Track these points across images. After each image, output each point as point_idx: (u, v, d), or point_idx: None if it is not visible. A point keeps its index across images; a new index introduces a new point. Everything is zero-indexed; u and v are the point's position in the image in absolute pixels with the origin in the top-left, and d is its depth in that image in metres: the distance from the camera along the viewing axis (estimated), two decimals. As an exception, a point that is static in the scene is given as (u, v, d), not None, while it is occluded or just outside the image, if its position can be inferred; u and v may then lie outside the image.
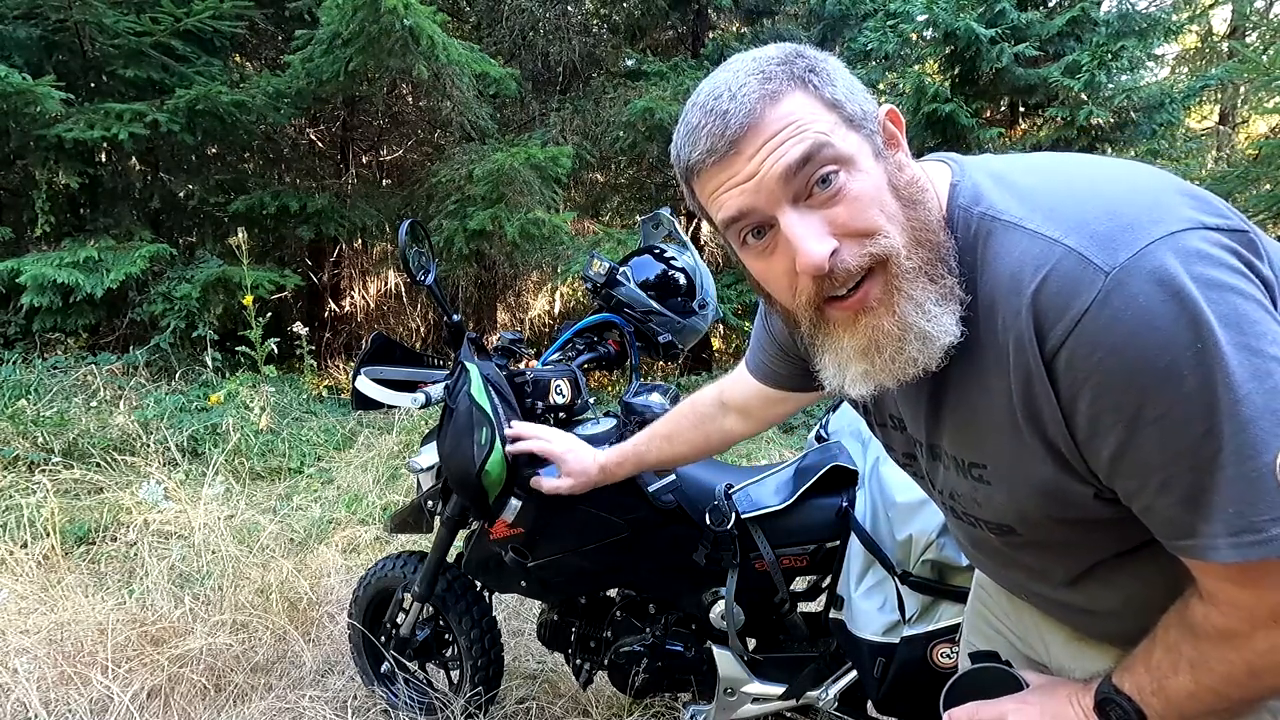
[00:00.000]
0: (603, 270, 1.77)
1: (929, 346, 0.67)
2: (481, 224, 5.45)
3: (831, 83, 0.68)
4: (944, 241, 0.68)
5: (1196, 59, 11.25)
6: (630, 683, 1.69)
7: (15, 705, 1.89)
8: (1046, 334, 0.62)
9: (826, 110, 0.66)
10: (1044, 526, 0.76)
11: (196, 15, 5.40)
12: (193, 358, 5.25)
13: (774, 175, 0.65)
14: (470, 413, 1.46)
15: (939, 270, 0.67)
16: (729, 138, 0.66)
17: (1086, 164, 0.70)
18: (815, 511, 1.53)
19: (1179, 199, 0.62)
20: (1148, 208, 0.61)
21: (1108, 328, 0.59)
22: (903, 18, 6.33)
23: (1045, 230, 0.63)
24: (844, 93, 0.68)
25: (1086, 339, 0.60)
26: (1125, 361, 0.59)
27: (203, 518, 2.80)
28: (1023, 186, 0.68)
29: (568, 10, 7.41)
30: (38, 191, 5.31)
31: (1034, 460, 0.69)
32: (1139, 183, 0.65)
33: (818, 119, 0.66)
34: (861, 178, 0.66)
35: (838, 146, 0.65)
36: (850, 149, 0.66)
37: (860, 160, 0.66)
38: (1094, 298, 0.59)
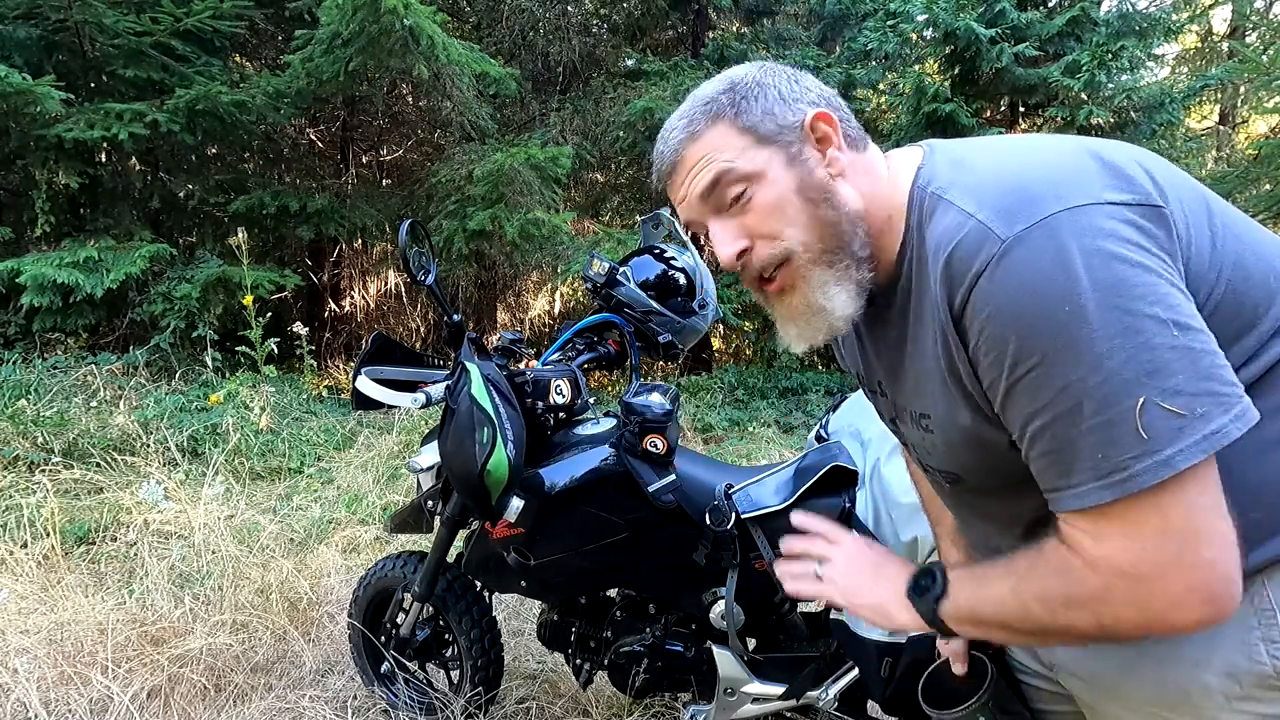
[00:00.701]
0: (603, 270, 1.77)
1: (828, 317, 0.81)
2: (481, 224, 5.45)
3: (749, 110, 0.80)
4: (851, 229, 0.80)
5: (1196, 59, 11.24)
6: (630, 683, 1.69)
7: (15, 705, 1.89)
8: (953, 296, 0.71)
9: (739, 135, 0.80)
10: (980, 473, 0.83)
11: (196, 15, 5.40)
12: (193, 358, 5.25)
13: (695, 196, 0.83)
14: (471, 412, 1.46)
15: (837, 257, 0.80)
16: (665, 171, 0.86)
17: (1025, 143, 0.78)
18: (816, 511, 1.53)
19: (1093, 176, 0.69)
20: (1055, 184, 0.68)
21: (996, 288, 0.67)
22: (903, 17, 6.33)
23: (964, 204, 0.72)
24: (759, 115, 0.80)
25: (980, 298, 0.68)
26: (1007, 318, 0.67)
27: (203, 518, 2.80)
28: (964, 166, 0.77)
29: (568, 10, 7.41)
30: (38, 191, 5.31)
31: (958, 408, 0.77)
32: (1060, 160, 0.72)
33: (727, 147, 0.80)
34: (765, 189, 0.80)
35: (741, 168, 0.80)
36: (757, 166, 0.80)
37: (769, 172, 0.80)
38: (989, 261, 0.67)
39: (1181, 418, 0.63)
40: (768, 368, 6.85)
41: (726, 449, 4.78)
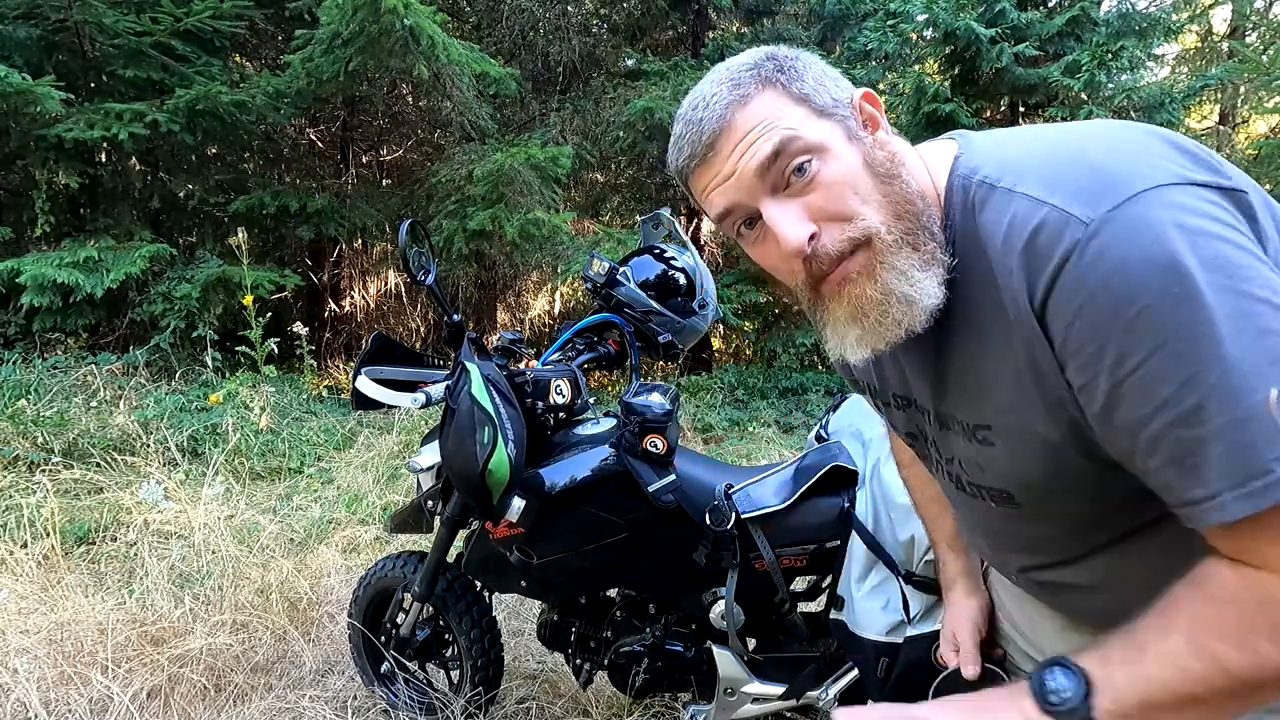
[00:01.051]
0: (603, 270, 1.77)
1: (912, 309, 0.70)
2: (481, 224, 5.45)
3: (800, 78, 0.72)
4: (925, 210, 0.71)
5: (1196, 59, 11.24)
6: (630, 683, 1.69)
7: (15, 705, 1.89)
8: (1035, 288, 0.63)
9: (795, 105, 0.71)
10: (1044, 491, 0.75)
11: (196, 15, 5.40)
12: (193, 358, 5.25)
13: (749, 171, 0.70)
14: (472, 412, 1.46)
15: (921, 238, 0.70)
16: (706, 142, 0.72)
17: (1081, 128, 0.71)
18: (815, 512, 1.53)
19: (1171, 156, 0.63)
20: (1134, 165, 0.62)
21: (1088, 274, 0.59)
22: (903, 17, 6.33)
23: (1032, 192, 0.64)
24: (813, 85, 0.72)
25: (1067, 288, 0.61)
26: (1104, 308, 0.59)
27: (203, 518, 2.80)
28: (1017, 153, 0.70)
29: (568, 10, 7.41)
30: (38, 191, 5.31)
31: (1036, 416, 0.68)
32: (1129, 143, 0.65)
33: (786, 114, 0.70)
34: (834, 163, 0.70)
35: (806, 137, 0.69)
36: (820, 137, 0.70)
37: (832, 146, 0.70)
38: (1074, 247, 0.60)
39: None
40: (768, 368, 6.86)
41: (726, 449, 4.79)
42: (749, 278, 6.35)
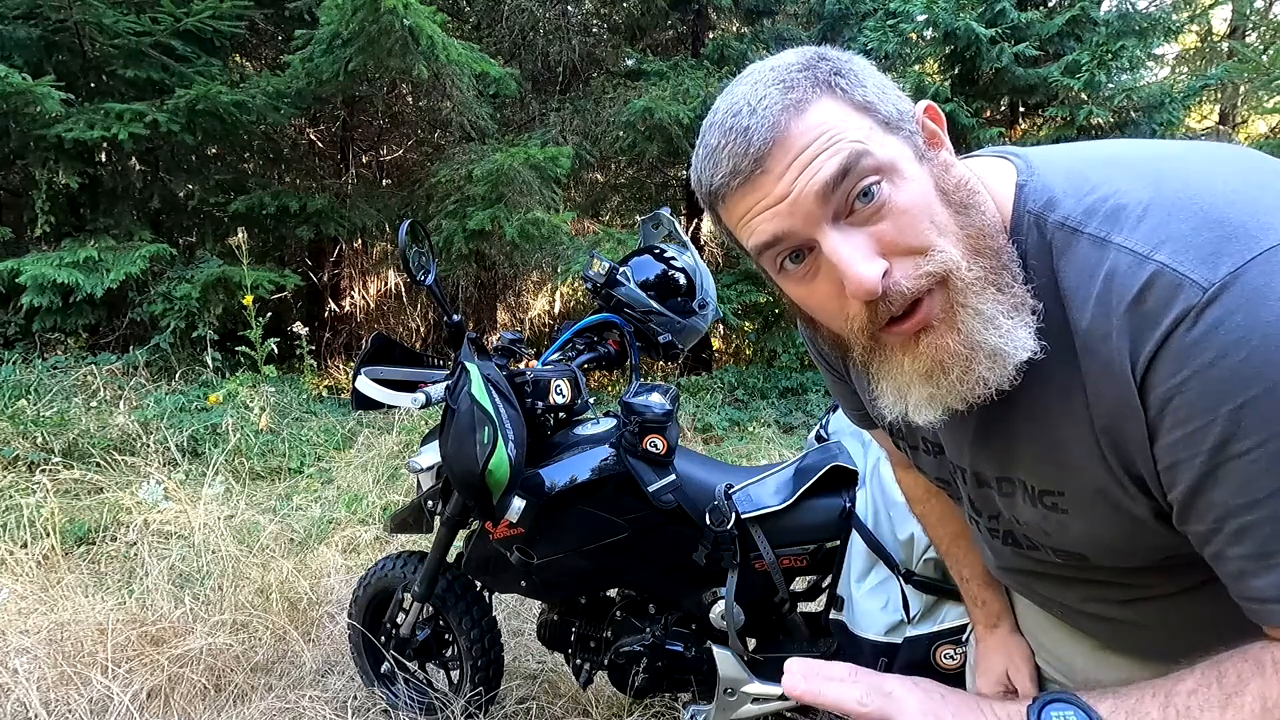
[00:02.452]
0: (603, 270, 1.77)
1: (1001, 363, 0.60)
2: (481, 224, 5.44)
3: (861, 84, 0.61)
4: (1006, 246, 0.61)
5: (1196, 59, 11.24)
6: (630, 683, 1.69)
7: (15, 705, 1.89)
8: (1139, 354, 0.55)
9: (859, 115, 0.60)
10: (1125, 555, 0.69)
11: (196, 15, 5.40)
12: (193, 358, 5.25)
13: (810, 194, 0.58)
14: (472, 412, 1.46)
15: (1006, 278, 0.60)
16: (754, 156, 0.59)
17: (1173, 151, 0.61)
18: (815, 511, 1.53)
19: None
20: (1257, 212, 0.53)
21: (1199, 344, 0.52)
22: (903, 17, 6.33)
23: (1132, 245, 0.56)
24: (875, 93, 0.61)
25: (1176, 357, 0.53)
26: (1213, 384, 0.52)
27: (203, 518, 2.80)
28: (1101, 189, 0.60)
29: (568, 10, 7.41)
30: (38, 191, 5.31)
31: (1115, 489, 0.62)
32: (1247, 179, 0.56)
33: (851, 126, 0.59)
34: (906, 186, 0.59)
35: (876, 154, 0.58)
36: (890, 155, 0.59)
37: (903, 166, 0.60)
38: (1186, 314, 0.52)
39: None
40: (768, 368, 6.85)
41: (726, 449, 4.78)
42: (749, 278, 6.34)
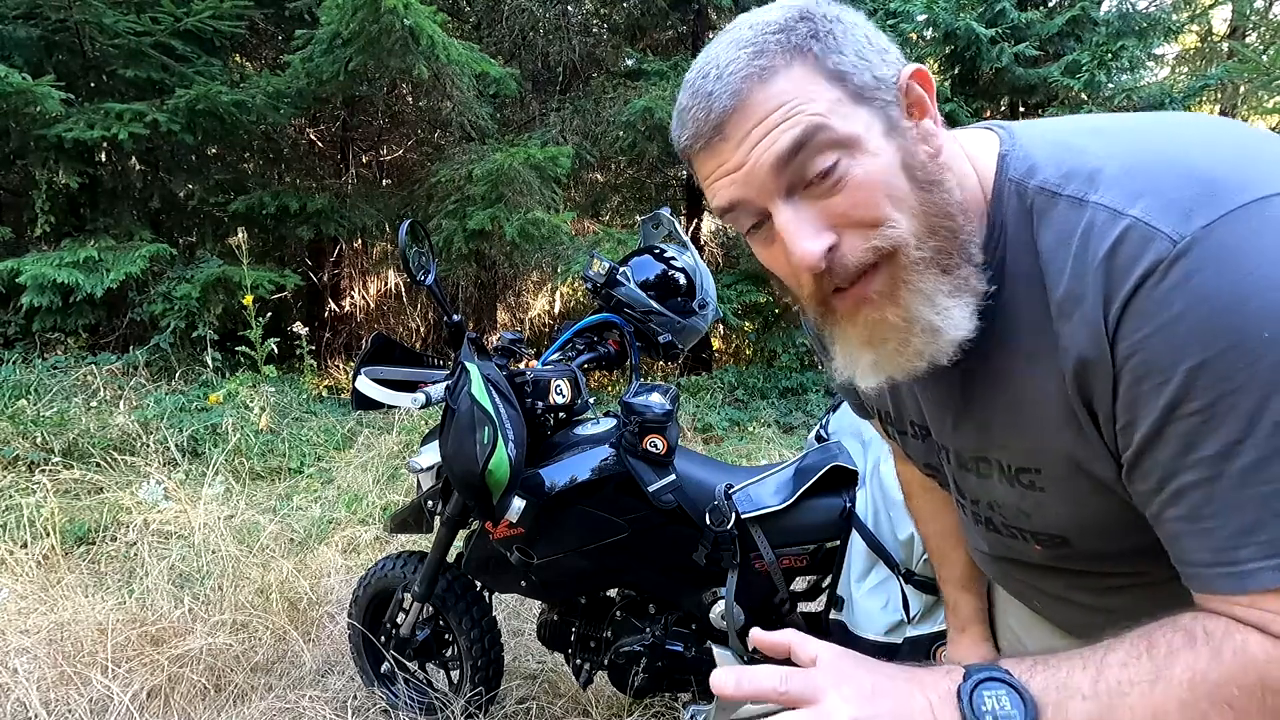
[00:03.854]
0: (603, 270, 1.77)
1: (937, 340, 0.61)
2: (481, 224, 5.44)
3: (839, 50, 0.59)
4: (965, 226, 0.61)
5: (1196, 59, 11.24)
6: (630, 683, 1.69)
7: (15, 705, 1.89)
8: (1110, 308, 0.54)
9: (828, 84, 0.59)
10: (1106, 535, 0.67)
11: (196, 15, 5.40)
12: (193, 358, 5.25)
13: (764, 166, 0.59)
14: (472, 412, 1.46)
15: (955, 260, 0.61)
16: (713, 123, 0.60)
17: (1161, 122, 0.61)
18: (815, 511, 1.53)
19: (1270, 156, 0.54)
20: (1235, 167, 0.53)
21: (1164, 300, 0.51)
22: (903, 17, 6.33)
23: (1109, 201, 0.55)
24: (853, 60, 0.60)
25: (1141, 311, 0.53)
26: (1176, 340, 0.51)
27: (203, 518, 2.80)
28: (1081, 153, 0.59)
29: (568, 10, 7.41)
30: (38, 191, 5.31)
31: (1090, 460, 0.61)
32: (1226, 140, 0.56)
33: (815, 97, 0.58)
34: (867, 161, 0.59)
35: (837, 129, 0.58)
36: (854, 129, 0.59)
37: (867, 140, 0.59)
38: (1154, 267, 0.51)
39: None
40: (768, 368, 6.85)
41: (726, 449, 4.78)
42: (749, 277, 6.35)
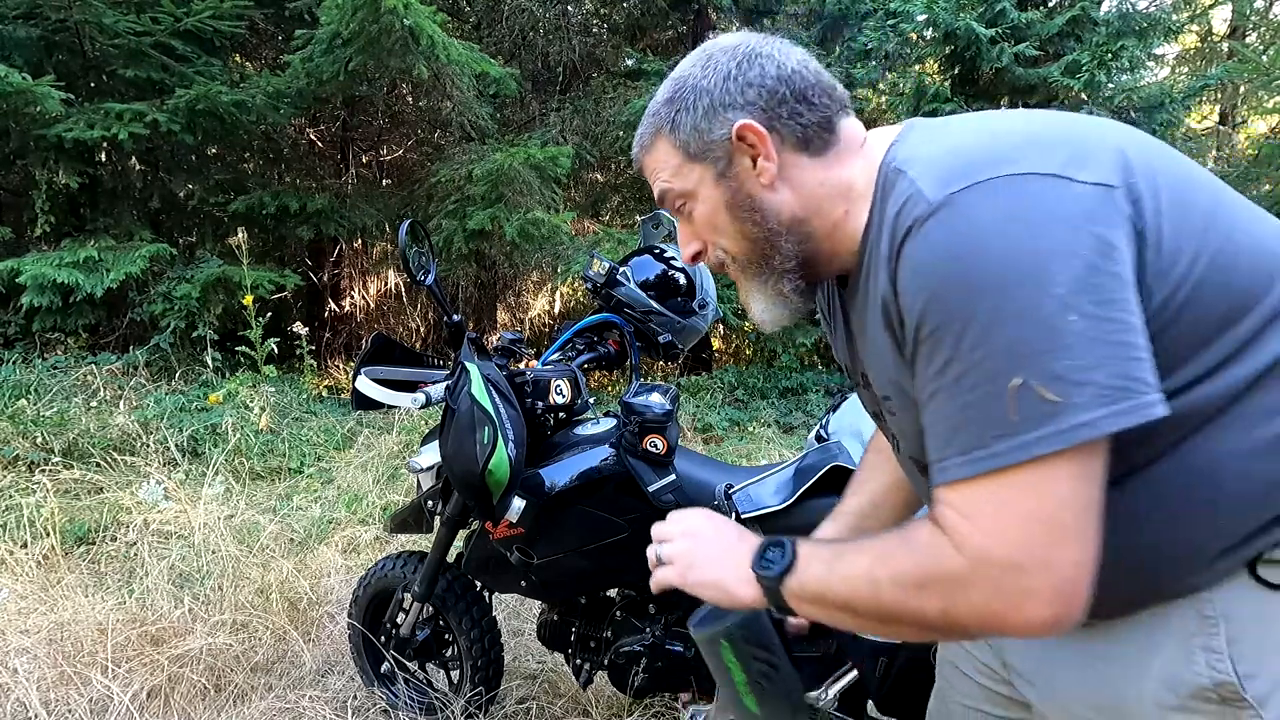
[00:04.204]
0: (603, 270, 1.77)
1: (754, 317, 0.88)
2: (481, 224, 5.44)
3: (683, 127, 0.82)
4: (774, 241, 0.82)
5: (1196, 59, 11.23)
6: (630, 683, 1.69)
7: (15, 705, 1.89)
8: (891, 260, 0.70)
9: (675, 153, 0.84)
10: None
11: (196, 15, 5.40)
12: (193, 358, 5.25)
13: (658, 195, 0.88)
14: (472, 412, 1.46)
15: (757, 269, 0.84)
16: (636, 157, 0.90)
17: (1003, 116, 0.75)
18: (815, 512, 1.53)
19: (1045, 147, 0.67)
20: (1004, 151, 0.67)
21: (916, 250, 0.66)
22: (903, 17, 6.33)
23: (913, 172, 0.70)
24: (690, 130, 0.82)
25: (902, 260, 0.68)
26: (920, 280, 0.66)
27: (203, 518, 2.80)
28: (932, 138, 0.75)
29: (568, 10, 7.42)
30: (38, 191, 5.31)
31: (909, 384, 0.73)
32: (1021, 130, 0.71)
33: (667, 165, 0.85)
34: (699, 206, 0.84)
35: (677, 187, 0.85)
36: (690, 184, 0.84)
37: (699, 190, 0.84)
38: (914, 225, 0.67)
39: (1054, 404, 0.60)
40: (768, 368, 6.85)
41: (726, 449, 4.78)
42: (749, 278, 6.35)
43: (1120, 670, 0.74)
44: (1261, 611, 0.68)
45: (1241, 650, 0.68)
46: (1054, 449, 0.60)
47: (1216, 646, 0.68)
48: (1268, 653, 0.68)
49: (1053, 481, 0.62)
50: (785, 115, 0.79)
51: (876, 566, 0.72)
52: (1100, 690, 0.76)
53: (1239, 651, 0.68)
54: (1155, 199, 0.66)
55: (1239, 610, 0.68)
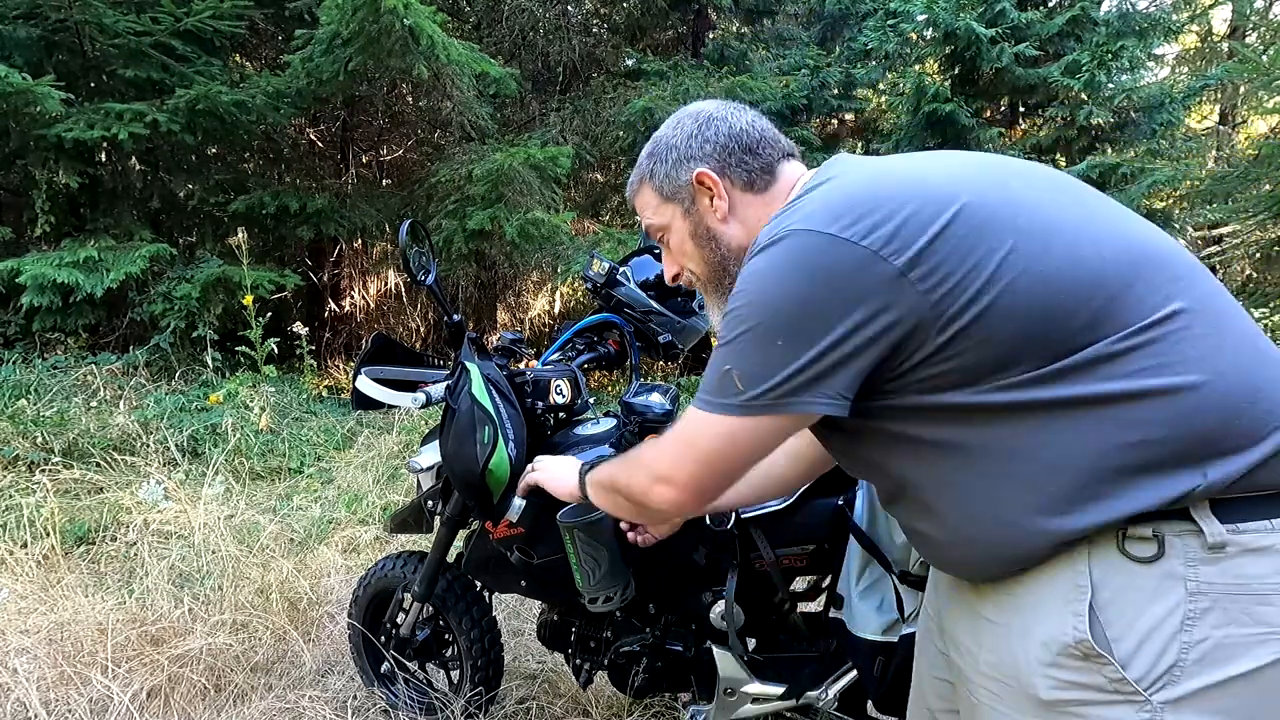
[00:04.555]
0: (603, 270, 1.77)
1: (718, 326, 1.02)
2: (481, 224, 5.44)
3: (657, 174, 1.09)
4: (730, 264, 1.06)
5: (1196, 59, 11.23)
6: (630, 683, 1.69)
7: (15, 705, 1.89)
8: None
9: (654, 195, 1.11)
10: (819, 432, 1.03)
11: (196, 15, 5.40)
12: (193, 358, 5.25)
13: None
14: (472, 412, 1.46)
15: (717, 286, 1.10)
16: (629, 203, 1.18)
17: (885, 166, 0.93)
18: (815, 512, 1.53)
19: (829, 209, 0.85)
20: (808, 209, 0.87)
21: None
22: (903, 17, 6.33)
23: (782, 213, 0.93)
24: (663, 178, 1.08)
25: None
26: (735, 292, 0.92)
27: (203, 518, 2.80)
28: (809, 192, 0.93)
29: (568, 10, 7.42)
30: (38, 191, 5.31)
31: None
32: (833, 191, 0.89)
33: (649, 205, 1.12)
34: (673, 236, 1.11)
35: (656, 222, 1.12)
36: (665, 219, 1.11)
37: (672, 224, 1.10)
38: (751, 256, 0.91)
39: (737, 388, 0.87)
40: (767, 368, 6.85)
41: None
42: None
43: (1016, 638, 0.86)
44: (1129, 581, 0.80)
45: (1110, 615, 0.80)
46: (714, 411, 0.90)
47: (1080, 610, 0.81)
48: (1131, 616, 0.79)
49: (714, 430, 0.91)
50: (734, 164, 1.04)
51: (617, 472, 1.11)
52: (1000, 655, 0.88)
53: (1108, 616, 0.80)
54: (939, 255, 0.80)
55: (1110, 580, 0.81)
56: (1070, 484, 0.80)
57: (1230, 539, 0.77)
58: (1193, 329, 0.80)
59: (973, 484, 0.86)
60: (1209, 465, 0.78)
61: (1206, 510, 0.78)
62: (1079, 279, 0.80)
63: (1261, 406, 0.79)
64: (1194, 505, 0.78)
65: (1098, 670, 0.80)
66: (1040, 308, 0.79)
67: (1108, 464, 0.79)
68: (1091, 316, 0.79)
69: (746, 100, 6.32)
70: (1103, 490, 0.80)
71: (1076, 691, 0.81)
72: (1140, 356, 0.79)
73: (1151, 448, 0.78)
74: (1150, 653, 0.78)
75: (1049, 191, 0.87)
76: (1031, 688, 0.84)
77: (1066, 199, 0.87)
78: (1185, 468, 0.78)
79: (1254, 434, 0.78)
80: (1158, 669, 0.78)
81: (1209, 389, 0.78)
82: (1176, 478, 0.78)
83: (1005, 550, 0.85)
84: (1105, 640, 0.80)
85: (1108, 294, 0.79)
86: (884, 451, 0.93)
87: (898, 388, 0.86)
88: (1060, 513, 0.81)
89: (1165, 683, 0.78)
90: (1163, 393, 0.78)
